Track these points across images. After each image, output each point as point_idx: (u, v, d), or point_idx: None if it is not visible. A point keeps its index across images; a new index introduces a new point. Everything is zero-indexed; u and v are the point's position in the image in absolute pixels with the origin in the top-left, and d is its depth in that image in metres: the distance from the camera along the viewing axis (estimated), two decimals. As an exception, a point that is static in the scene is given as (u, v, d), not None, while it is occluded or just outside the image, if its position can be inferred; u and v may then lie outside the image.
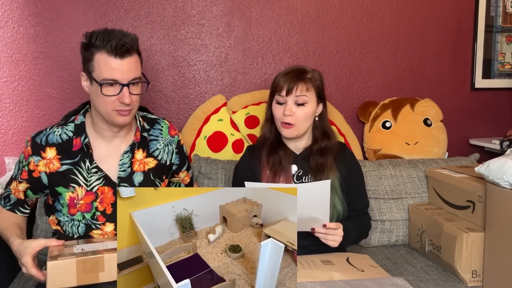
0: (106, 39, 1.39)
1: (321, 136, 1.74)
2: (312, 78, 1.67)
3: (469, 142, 2.55)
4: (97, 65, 1.40)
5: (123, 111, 1.43)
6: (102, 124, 1.50)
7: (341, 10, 2.37)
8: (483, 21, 2.50)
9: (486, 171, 1.60)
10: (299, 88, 1.64)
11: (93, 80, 1.42)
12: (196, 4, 2.25)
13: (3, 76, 2.10)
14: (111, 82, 1.40)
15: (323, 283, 1.35)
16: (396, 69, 2.47)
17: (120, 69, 1.40)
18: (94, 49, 1.40)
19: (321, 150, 1.72)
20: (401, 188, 2.08)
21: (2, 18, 2.08)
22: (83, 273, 1.22)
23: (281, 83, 1.65)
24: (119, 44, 1.38)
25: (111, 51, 1.38)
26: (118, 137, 1.54)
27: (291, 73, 1.67)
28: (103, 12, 2.16)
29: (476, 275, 1.68)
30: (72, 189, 1.48)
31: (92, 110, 1.51)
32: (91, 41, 1.41)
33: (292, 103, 1.64)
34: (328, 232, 1.56)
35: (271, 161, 1.71)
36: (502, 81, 2.57)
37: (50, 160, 1.49)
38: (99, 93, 1.41)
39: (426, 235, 1.89)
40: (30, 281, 1.68)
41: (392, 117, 2.33)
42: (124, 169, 1.53)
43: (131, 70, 1.42)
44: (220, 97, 2.25)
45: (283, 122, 1.66)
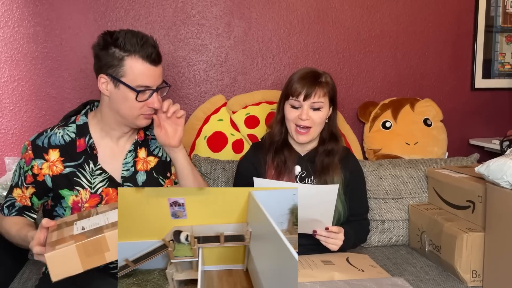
0: (137, 43, 1.38)
1: (329, 138, 1.74)
2: (327, 82, 1.68)
3: (469, 142, 2.55)
4: (130, 71, 1.38)
5: (149, 114, 1.46)
6: (113, 125, 1.49)
7: (341, 10, 2.37)
8: (483, 21, 2.50)
9: (486, 171, 1.60)
10: (317, 94, 1.64)
11: (122, 85, 1.40)
12: (196, 4, 2.25)
13: (3, 76, 2.10)
14: (144, 89, 1.41)
15: (323, 283, 1.35)
16: (396, 69, 2.47)
17: (154, 76, 1.42)
18: (124, 54, 1.38)
19: (328, 152, 1.72)
20: (401, 188, 2.08)
21: (2, 18, 2.08)
22: (87, 257, 1.14)
23: (299, 89, 1.64)
24: (155, 52, 1.40)
25: (147, 57, 1.38)
26: (124, 136, 1.54)
27: (307, 77, 1.66)
28: (103, 12, 2.16)
29: (476, 275, 1.68)
30: (76, 192, 1.46)
31: (107, 111, 1.48)
32: (117, 44, 1.38)
33: (308, 108, 1.64)
34: (330, 236, 1.56)
35: (276, 161, 1.72)
36: (502, 81, 2.57)
37: (54, 162, 1.46)
38: (130, 98, 1.40)
39: (426, 235, 1.89)
40: (30, 281, 1.68)
41: (392, 117, 2.33)
42: (128, 168, 1.52)
43: (161, 76, 1.45)
44: (220, 97, 2.25)
45: (299, 125, 1.65)
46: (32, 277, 1.71)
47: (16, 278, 1.72)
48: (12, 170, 2.02)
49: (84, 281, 1.38)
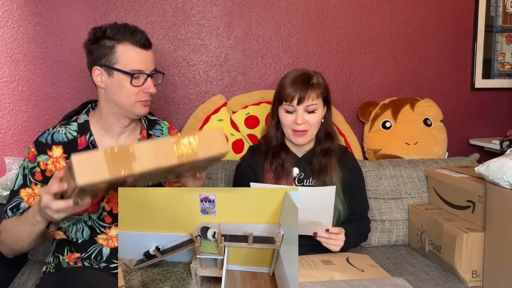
0: (126, 32, 1.42)
1: (324, 137, 1.73)
2: (318, 83, 1.67)
3: (469, 142, 2.55)
4: (123, 56, 1.42)
5: (146, 101, 1.47)
6: (112, 119, 1.50)
7: (341, 10, 2.37)
8: (483, 21, 2.50)
9: (486, 171, 1.60)
10: (311, 97, 1.63)
11: (116, 72, 1.43)
12: (196, 4, 2.25)
13: (3, 76, 2.10)
14: (138, 72, 1.43)
15: (323, 283, 1.35)
16: (396, 69, 2.47)
17: (146, 60, 1.45)
18: (114, 42, 1.42)
19: (324, 151, 1.72)
20: (401, 188, 2.08)
21: (2, 18, 2.08)
22: (114, 164, 1.08)
23: (292, 93, 1.62)
24: (143, 37, 1.44)
25: (137, 42, 1.43)
26: (125, 132, 1.54)
27: (298, 81, 1.64)
28: (103, 12, 2.16)
29: (476, 275, 1.68)
30: None
31: (104, 105, 1.49)
32: (106, 35, 1.42)
33: (303, 111, 1.63)
34: (331, 237, 1.56)
35: (274, 165, 1.71)
36: (502, 81, 2.57)
37: (57, 158, 1.47)
38: (125, 84, 1.43)
39: (426, 235, 1.89)
40: (30, 281, 1.68)
41: (392, 117, 2.33)
42: None
43: (153, 61, 1.48)
44: (220, 97, 2.25)
45: (296, 130, 1.65)
46: (32, 277, 1.71)
47: (16, 278, 1.72)
48: (12, 170, 2.02)
49: (84, 281, 1.39)
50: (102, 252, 1.48)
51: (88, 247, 1.48)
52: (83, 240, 1.48)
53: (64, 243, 1.51)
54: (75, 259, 1.49)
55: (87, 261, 1.48)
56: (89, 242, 1.48)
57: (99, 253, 1.48)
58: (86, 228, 1.48)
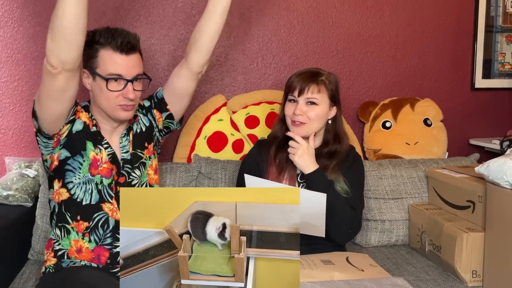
0: (110, 36, 1.44)
1: (333, 139, 1.74)
2: (325, 81, 1.69)
3: (469, 142, 2.55)
4: (102, 61, 1.45)
5: (126, 106, 1.48)
6: (102, 119, 1.54)
7: (341, 10, 2.37)
8: (483, 21, 2.50)
9: (486, 171, 1.60)
10: (311, 90, 1.66)
11: (97, 76, 1.46)
12: (196, 4, 2.24)
13: (3, 76, 2.10)
14: (116, 77, 1.44)
15: (323, 283, 1.35)
16: (396, 69, 2.46)
17: (125, 65, 1.45)
18: (98, 46, 1.44)
19: (330, 154, 1.72)
20: (401, 188, 2.08)
21: (2, 18, 2.08)
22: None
23: (294, 84, 1.68)
24: (124, 41, 1.44)
25: (117, 47, 1.44)
26: (117, 131, 1.58)
27: (304, 74, 1.70)
28: (103, 12, 2.16)
29: (476, 275, 1.68)
30: (98, 151, 1.51)
31: (93, 107, 1.55)
32: (94, 39, 1.45)
33: (303, 102, 1.66)
34: (293, 144, 1.64)
35: (278, 158, 1.72)
36: (502, 81, 2.57)
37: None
38: (104, 88, 1.45)
39: (426, 235, 1.89)
40: (30, 281, 1.68)
41: (392, 117, 2.33)
42: (126, 151, 1.57)
43: (135, 66, 1.48)
44: (220, 97, 2.25)
45: (294, 120, 1.68)
46: (32, 277, 1.71)
47: (16, 278, 1.72)
48: (12, 170, 2.02)
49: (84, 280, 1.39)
50: (108, 221, 1.50)
51: (94, 213, 1.50)
52: (88, 204, 1.49)
53: (68, 207, 1.51)
54: (83, 230, 1.49)
55: (94, 234, 1.49)
56: (95, 208, 1.50)
57: (106, 222, 1.50)
58: (95, 191, 1.50)
